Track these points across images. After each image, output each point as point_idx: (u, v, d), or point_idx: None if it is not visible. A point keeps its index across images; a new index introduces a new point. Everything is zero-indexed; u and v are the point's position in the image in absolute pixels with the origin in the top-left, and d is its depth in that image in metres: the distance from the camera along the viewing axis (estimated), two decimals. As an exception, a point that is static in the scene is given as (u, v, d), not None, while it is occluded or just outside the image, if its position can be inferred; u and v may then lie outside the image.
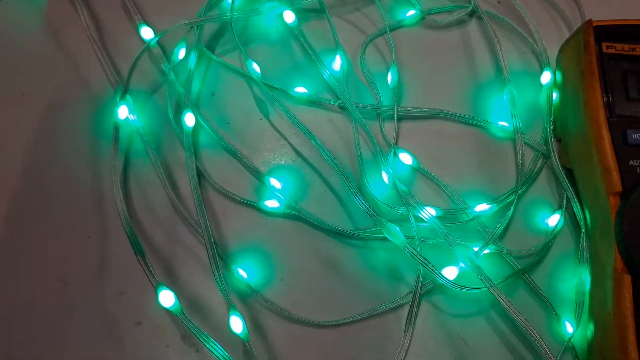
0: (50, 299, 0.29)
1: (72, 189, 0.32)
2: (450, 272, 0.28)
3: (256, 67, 0.32)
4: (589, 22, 0.29)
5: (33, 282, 0.30)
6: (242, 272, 0.29)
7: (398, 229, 0.27)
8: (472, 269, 0.27)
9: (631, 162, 0.27)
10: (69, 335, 0.29)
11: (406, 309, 0.29)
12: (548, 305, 0.29)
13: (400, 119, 0.34)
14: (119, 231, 0.30)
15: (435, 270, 0.27)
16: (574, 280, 0.29)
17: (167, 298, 0.27)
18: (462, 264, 0.28)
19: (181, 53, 0.33)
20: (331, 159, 0.30)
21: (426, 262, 0.27)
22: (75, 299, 0.29)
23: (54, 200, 0.31)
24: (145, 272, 0.27)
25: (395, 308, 0.29)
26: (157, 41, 0.34)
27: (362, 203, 0.29)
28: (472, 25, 0.37)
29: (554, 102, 0.33)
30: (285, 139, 0.33)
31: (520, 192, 0.31)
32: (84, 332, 0.29)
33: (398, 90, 0.34)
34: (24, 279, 0.30)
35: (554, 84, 0.33)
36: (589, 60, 0.28)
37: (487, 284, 0.27)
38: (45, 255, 0.30)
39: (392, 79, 0.34)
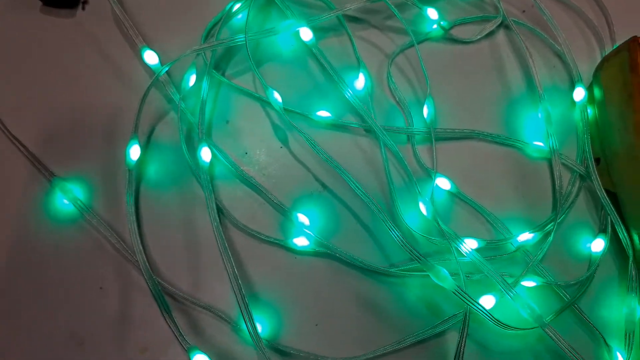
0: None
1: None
2: (488, 301, 0.27)
3: (277, 96, 0.29)
4: (635, 39, 0.27)
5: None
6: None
7: (447, 272, 0.25)
8: (522, 308, 0.26)
9: None
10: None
11: (451, 346, 0.27)
12: (594, 333, 0.28)
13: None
14: (135, 279, 0.28)
15: (486, 313, 0.25)
16: (620, 307, 0.28)
17: (201, 361, 0.24)
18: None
19: (192, 80, 0.30)
20: (360, 189, 0.28)
21: (477, 304, 0.25)
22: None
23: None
24: (173, 332, 0.25)
25: (440, 346, 0.28)
26: (160, 62, 0.31)
27: (400, 238, 0.26)
28: (500, 37, 0.34)
29: (589, 120, 0.31)
30: (309, 168, 0.31)
31: (560, 220, 0.30)
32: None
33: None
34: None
35: (589, 100, 0.32)
36: (637, 82, 0.27)
37: (540, 324, 0.25)
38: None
39: (428, 104, 0.31)
